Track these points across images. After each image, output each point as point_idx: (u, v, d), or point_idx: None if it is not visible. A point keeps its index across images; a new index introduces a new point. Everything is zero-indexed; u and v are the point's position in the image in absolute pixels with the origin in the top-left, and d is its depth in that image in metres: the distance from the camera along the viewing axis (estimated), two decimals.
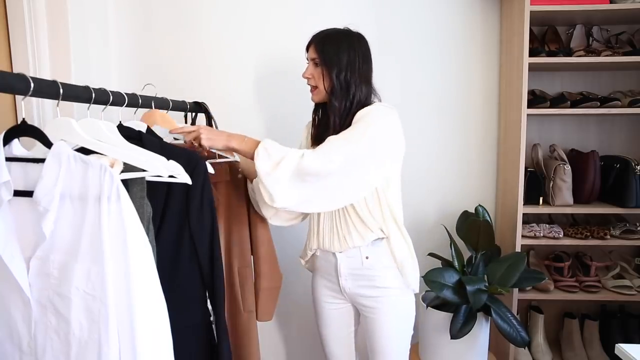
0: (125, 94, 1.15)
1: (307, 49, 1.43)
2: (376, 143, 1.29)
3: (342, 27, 1.43)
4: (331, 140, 1.29)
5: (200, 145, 1.28)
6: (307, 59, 1.44)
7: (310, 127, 1.55)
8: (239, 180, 1.54)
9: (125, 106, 1.16)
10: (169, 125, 1.39)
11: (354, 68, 1.37)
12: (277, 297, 1.66)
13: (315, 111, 1.52)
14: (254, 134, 1.36)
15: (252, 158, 1.26)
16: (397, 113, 1.37)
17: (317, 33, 1.43)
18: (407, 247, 1.43)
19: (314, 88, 1.43)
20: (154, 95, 1.37)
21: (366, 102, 1.40)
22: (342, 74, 1.36)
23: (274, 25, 2.06)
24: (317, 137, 1.49)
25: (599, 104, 1.86)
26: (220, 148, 1.31)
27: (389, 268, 1.42)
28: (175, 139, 1.42)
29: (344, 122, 1.36)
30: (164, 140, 1.22)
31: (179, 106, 1.56)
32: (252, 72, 2.09)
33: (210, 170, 1.19)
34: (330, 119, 1.39)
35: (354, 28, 1.43)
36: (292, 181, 1.23)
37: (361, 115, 1.34)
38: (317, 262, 1.53)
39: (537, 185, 1.97)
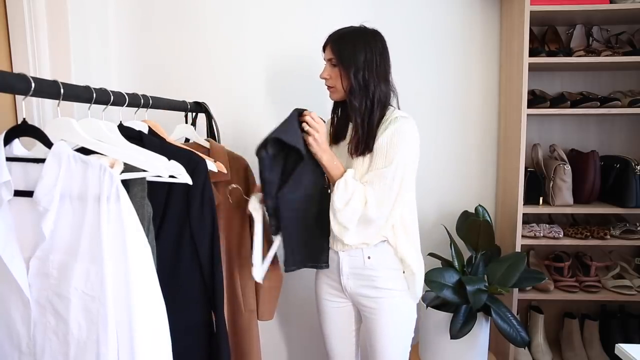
0: (126, 93, 1.15)
1: (324, 50, 1.43)
2: (407, 170, 1.35)
3: (357, 25, 1.42)
4: (374, 184, 1.34)
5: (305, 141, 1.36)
6: (324, 60, 1.43)
7: (328, 126, 1.55)
8: (239, 179, 1.54)
9: (126, 106, 1.16)
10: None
11: (371, 67, 1.36)
12: (278, 296, 1.66)
13: (334, 110, 1.52)
14: (256, 134, 1.37)
15: (332, 182, 1.37)
16: (414, 122, 1.39)
17: (333, 33, 1.42)
18: (416, 256, 1.43)
19: (331, 87, 1.43)
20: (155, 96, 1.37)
21: (386, 102, 1.40)
22: (359, 73, 1.35)
23: (274, 25, 2.06)
24: (336, 135, 1.50)
25: (599, 104, 1.86)
26: (314, 153, 1.37)
27: (391, 270, 1.42)
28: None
29: (366, 122, 1.37)
30: None
31: (179, 106, 1.56)
32: (253, 72, 2.08)
33: (213, 168, 1.19)
34: (351, 119, 1.40)
35: (369, 25, 1.41)
36: (358, 225, 1.35)
37: (384, 142, 1.34)
38: None
39: (537, 185, 1.97)
